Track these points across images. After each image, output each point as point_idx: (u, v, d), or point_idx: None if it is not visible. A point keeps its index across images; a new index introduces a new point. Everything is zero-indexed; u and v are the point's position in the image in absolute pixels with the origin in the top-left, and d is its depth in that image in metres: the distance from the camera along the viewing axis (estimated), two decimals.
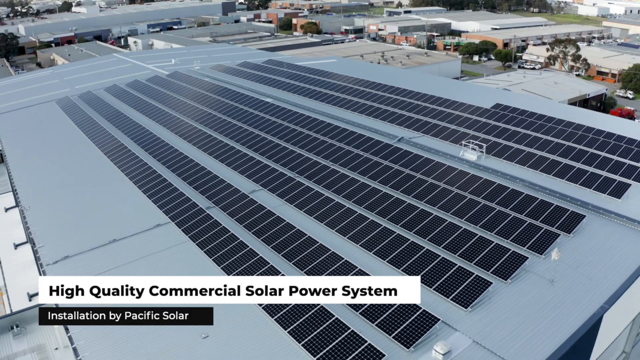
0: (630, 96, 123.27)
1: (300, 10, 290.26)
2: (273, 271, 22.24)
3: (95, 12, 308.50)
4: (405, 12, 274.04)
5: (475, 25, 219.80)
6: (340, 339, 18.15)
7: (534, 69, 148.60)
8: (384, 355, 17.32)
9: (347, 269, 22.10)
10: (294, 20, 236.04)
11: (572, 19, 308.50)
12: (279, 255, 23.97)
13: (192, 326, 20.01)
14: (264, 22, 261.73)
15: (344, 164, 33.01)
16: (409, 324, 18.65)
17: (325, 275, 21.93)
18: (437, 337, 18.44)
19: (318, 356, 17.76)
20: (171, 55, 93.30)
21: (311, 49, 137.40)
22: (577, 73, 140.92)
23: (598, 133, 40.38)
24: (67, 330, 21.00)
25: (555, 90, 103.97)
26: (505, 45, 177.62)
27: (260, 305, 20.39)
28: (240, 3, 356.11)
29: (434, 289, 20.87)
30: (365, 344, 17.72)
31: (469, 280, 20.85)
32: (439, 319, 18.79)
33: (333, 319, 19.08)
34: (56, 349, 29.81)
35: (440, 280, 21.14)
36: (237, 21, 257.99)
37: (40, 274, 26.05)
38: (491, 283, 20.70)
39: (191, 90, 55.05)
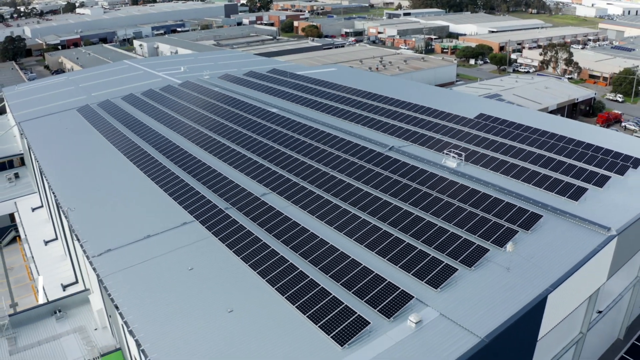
0: (620, 99, 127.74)
1: (302, 12, 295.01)
2: (283, 260, 27.40)
3: (99, 14, 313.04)
4: (405, 14, 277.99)
5: (472, 28, 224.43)
6: (336, 311, 23.33)
7: (528, 72, 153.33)
8: (369, 323, 22.51)
9: (342, 258, 27.23)
10: (296, 23, 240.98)
11: (569, 21, 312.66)
12: (287, 247, 29.15)
13: (220, 301, 25.23)
14: (265, 24, 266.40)
15: (341, 171, 38.14)
16: (390, 300, 23.82)
17: (327, 262, 27.08)
18: (412, 310, 23.63)
19: (319, 324, 22.93)
20: (179, 62, 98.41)
21: (312, 54, 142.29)
22: (569, 76, 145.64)
23: (568, 141, 45.46)
24: (117, 307, 26.05)
25: (545, 95, 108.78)
26: (502, 48, 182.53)
27: (272, 285, 25.60)
28: (242, 4, 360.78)
29: (412, 274, 26.02)
30: (355, 315, 22.90)
31: (440, 267, 25.99)
32: (413, 297, 23.98)
33: (330, 296, 24.26)
34: (95, 329, 35.26)
35: (417, 267, 26.28)
36: (239, 24, 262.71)
37: (89, 264, 30.98)
38: (457, 269, 25.84)
39: (203, 100, 60.16)
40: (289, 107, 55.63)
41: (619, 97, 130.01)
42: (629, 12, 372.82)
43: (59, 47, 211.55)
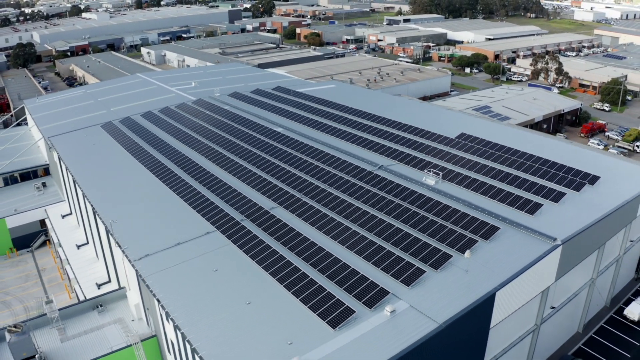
0: (607, 109, 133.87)
1: (304, 19, 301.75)
2: (289, 264, 34.50)
3: (105, 19, 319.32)
4: (405, 20, 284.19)
5: (470, 36, 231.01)
6: (330, 302, 30.48)
7: (521, 80, 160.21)
8: (355, 312, 29.68)
9: (335, 262, 34.33)
10: (298, 30, 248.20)
11: (566, 26, 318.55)
12: (292, 253, 36.31)
13: (240, 295, 32.33)
14: (269, 30, 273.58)
15: (337, 187, 45.23)
16: (372, 295, 30.94)
17: (323, 265, 34.15)
18: (388, 302, 30.74)
19: (317, 312, 30.09)
20: (190, 76, 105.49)
21: (314, 64, 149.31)
22: (560, 85, 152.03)
23: (536, 160, 52.38)
24: (158, 301, 33.13)
25: (532, 106, 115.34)
26: (497, 57, 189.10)
27: (281, 283, 32.77)
28: (246, 9, 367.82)
29: (390, 275, 33.13)
30: (344, 306, 30.04)
31: (412, 269, 33.06)
32: (389, 292, 31.10)
33: (325, 292, 31.44)
34: (132, 320, 42.36)
35: (394, 269, 33.36)
36: (243, 30, 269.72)
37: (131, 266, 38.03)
38: (425, 271, 32.94)
39: (215, 119, 67.26)
40: (292, 126, 62.74)
41: (606, 106, 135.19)
42: (627, 15, 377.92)
43: (68, 53, 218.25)
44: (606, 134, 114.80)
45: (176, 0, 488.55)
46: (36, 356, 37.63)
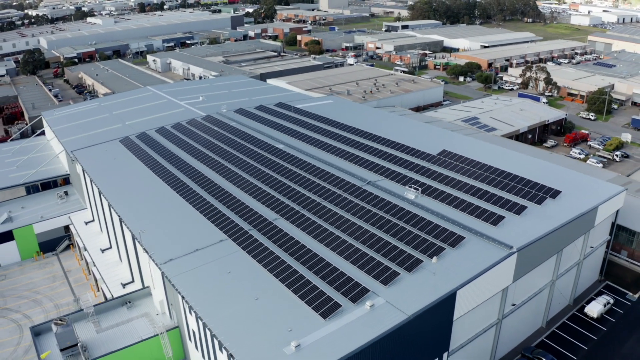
0: (592, 118, 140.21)
1: (305, 25, 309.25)
2: (289, 267, 42.00)
3: (110, 24, 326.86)
4: (403, 27, 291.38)
5: (465, 43, 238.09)
6: (322, 298, 38.09)
7: (512, 89, 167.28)
8: (341, 306, 37.22)
9: (327, 265, 41.81)
10: (299, 37, 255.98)
11: (562, 31, 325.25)
12: (292, 258, 43.96)
13: (250, 293, 39.85)
14: (270, 36, 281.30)
15: (330, 201, 52.75)
16: (356, 292, 38.51)
17: (317, 268, 41.66)
18: (369, 298, 38.30)
19: (312, 306, 37.69)
20: (197, 89, 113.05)
21: (313, 74, 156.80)
22: (549, 94, 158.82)
23: (506, 176, 59.69)
24: (183, 297, 40.64)
25: (519, 117, 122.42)
26: (490, 65, 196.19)
27: (282, 282, 40.35)
28: (248, 13, 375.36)
29: (371, 276, 40.70)
30: (333, 301, 37.63)
31: (389, 272, 40.59)
32: (370, 290, 38.66)
33: (319, 290, 39.04)
34: (157, 314, 49.89)
35: (375, 272, 40.90)
36: (245, 36, 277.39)
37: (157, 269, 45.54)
38: (400, 274, 40.45)
39: (223, 135, 74.80)
40: (292, 142, 70.31)
41: (591, 115, 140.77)
42: (624, 19, 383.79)
43: (76, 60, 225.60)
44: (589, 143, 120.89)
45: (179, 4, 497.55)
46: (78, 344, 45.12)
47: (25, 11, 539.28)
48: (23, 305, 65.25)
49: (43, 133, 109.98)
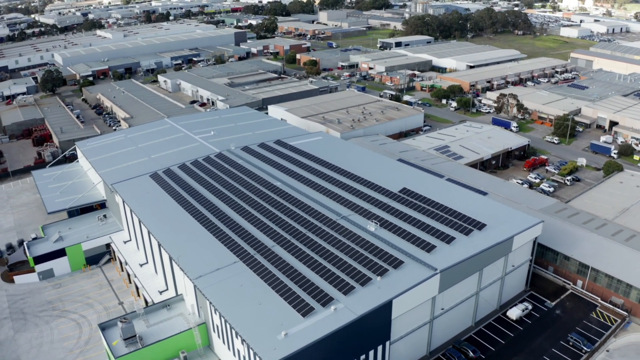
0: (556, 141, 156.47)
1: (304, 41, 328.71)
2: (281, 282, 62.03)
3: (120, 39, 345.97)
4: (396, 44, 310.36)
5: (452, 63, 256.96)
6: (302, 304, 58.27)
7: (489, 112, 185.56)
8: (314, 309, 57.37)
9: (308, 281, 61.86)
10: (298, 56, 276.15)
11: (550, 44, 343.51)
12: (284, 275, 64.00)
13: (255, 299, 59.99)
14: (272, 53, 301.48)
15: (313, 232, 72.82)
16: (325, 299, 58.65)
17: (301, 282, 61.67)
18: (333, 304, 58.51)
19: (296, 308, 57.70)
20: (207, 122, 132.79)
21: (310, 101, 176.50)
22: (521, 118, 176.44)
23: (447, 211, 79.19)
24: (210, 303, 60.59)
25: (485, 144, 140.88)
26: (472, 86, 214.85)
27: (277, 292, 60.52)
28: (250, 25, 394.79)
29: (336, 289, 60.68)
30: (310, 305, 57.74)
31: (348, 286, 60.81)
32: (334, 298, 59.03)
33: (300, 298, 59.15)
34: (189, 314, 69.97)
35: (339, 286, 61.10)
36: (248, 53, 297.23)
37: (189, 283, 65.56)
38: (355, 287, 60.48)
39: (232, 173, 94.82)
40: (287, 180, 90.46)
41: (555, 139, 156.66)
42: (613, 29, 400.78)
43: (91, 77, 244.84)
44: (546, 167, 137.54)
45: (183, 13, 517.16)
46: (136, 336, 65.04)
47: (32, 16, 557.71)
48: (79, 308, 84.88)
49: (73, 156, 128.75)
